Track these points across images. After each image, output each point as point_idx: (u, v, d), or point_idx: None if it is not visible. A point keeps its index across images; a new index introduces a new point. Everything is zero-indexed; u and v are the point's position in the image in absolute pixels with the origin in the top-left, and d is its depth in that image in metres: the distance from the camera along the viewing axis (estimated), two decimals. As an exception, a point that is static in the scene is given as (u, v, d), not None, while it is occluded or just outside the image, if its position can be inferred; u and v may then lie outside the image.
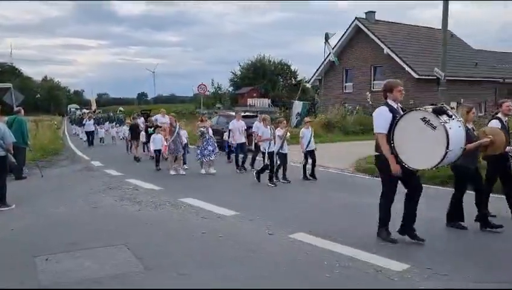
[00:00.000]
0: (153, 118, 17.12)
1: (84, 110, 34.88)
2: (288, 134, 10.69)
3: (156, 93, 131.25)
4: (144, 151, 16.56)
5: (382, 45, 29.75)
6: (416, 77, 27.80)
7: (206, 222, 6.65)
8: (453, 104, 29.86)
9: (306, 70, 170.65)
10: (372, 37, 30.45)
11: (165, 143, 13.13)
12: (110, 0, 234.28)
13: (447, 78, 11.29)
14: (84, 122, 23.79)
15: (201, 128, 11.97)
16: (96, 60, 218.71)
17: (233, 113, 20.39)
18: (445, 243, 5.60)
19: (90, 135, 22.57)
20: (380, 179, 5.89)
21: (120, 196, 8.75)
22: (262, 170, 10.13)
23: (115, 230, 6.26)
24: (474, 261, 4.88)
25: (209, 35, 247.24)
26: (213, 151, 11.74)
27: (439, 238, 5.79)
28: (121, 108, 34.34)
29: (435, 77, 11.41)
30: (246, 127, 13.03)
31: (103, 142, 23.73)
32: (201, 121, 12.76)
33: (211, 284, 4.31)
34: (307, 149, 10.62)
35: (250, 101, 45.18)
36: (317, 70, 35.03)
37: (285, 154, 10.41)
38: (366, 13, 32.21)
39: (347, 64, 33.11)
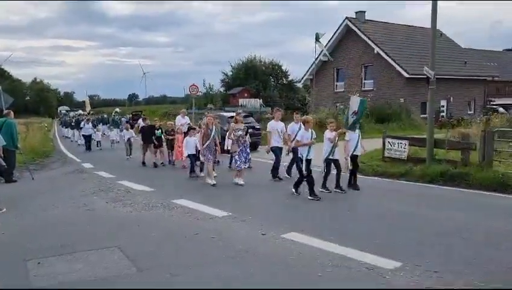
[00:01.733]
0: (176, 121, 15.48)
1: (80, 112, 33.56)
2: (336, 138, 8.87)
3: (147, 94, 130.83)
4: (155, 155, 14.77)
5: (372, 45, 29.94)
6: (407, 76, 28.03)
7: (198, 223, 6.65)
8: (443, 103, 30.33)
9: (297, 70, 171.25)
10: (363, 36, 30.64)
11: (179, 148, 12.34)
12: (99, 0, 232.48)
13: (436, 76, 11.37)
14: (82, 125, 21.85)
15: (240, 132, 10.19)
16: (86, 61, 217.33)
17: (225, 114, 20.38)
18: (433, 240, 5.66)
19: (88, 139, 20.85)
20: (372, 179, 5.94)
21: (112, 198, 8.72)
22: (299, 182, 8.59)
23: (107, 232, 6.24)
24: (462, 256, 4.95)
25: (200, 36, 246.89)
26: (247, 158, 10.14)
27: (427, 235, 5.85)
28: (117, 109, 32.93)
29: (425, 76, 11.47)
30: (285, 129, 10.89)
31: (100, 146, 21.81)
32: (237, 121, 10.57)
33: (204, 285, 4.32)
34: (353, 153, 9.18)
35: (241, 101, 45.13)
36: (308, 69, 35.17)
37: (337, 161, 8.95)
38: (356, 13, 32.40)
39: (338, 63, 33.26)
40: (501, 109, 28.62)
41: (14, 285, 4.53)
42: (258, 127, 18.77)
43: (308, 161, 8.30)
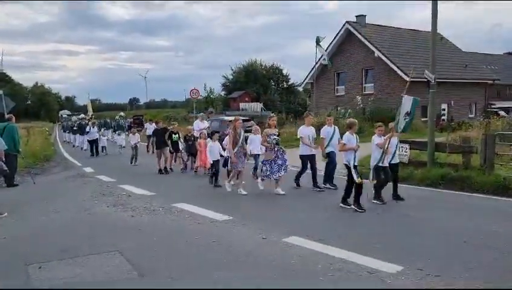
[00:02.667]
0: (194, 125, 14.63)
1: (82, 115, 32.53)
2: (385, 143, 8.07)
3: (148, 98, 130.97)
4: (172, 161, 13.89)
5: (373, 48, 29.97)
6: (407, 79, 27.99)
7: (199, 227, 6.65)
8: (444, 106, 30.31)
9: (297, 73, 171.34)
10: (363, 40, 30.68)
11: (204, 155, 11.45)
12: (99, 0, 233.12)
13: (437, 80, 11.38)
14: (88, 129, 20.66)
15: (276, 137, 9.29)
16: (87, 65, 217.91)
17: (227, 118, 20.38)
18: (434, 243, 5.65)
19: (94, 143, 19.90)
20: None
21: (113, 202, 8.72)
22: (348, 193, 7.76)
23: (108, 236, 6.24)
24: (463, 260, 4.94)
25: (200, 40, 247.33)
26: (282, 165, 9.21)
27: (428, 239, 5.84)
28: (121, 113, 31.68)
29: (426, 79, 11.48)
30: (315, 135, 10.06)
31: (105, 151, 20.70)
32: (270, 126, 9.54)
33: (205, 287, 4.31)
34: (392, 162, 8.35)
35: (242, 105, 45.20)
36: (309, 73, 35.20)
37: (386, 168, 8.14)
38: (356, 17, 32.47)
39: (338, 67, 33.30)
40: (502, 112, 28.62)
41: (14, 285, 4.54)
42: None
43: (356, 168, 7.68)
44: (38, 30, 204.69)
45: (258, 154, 10.54)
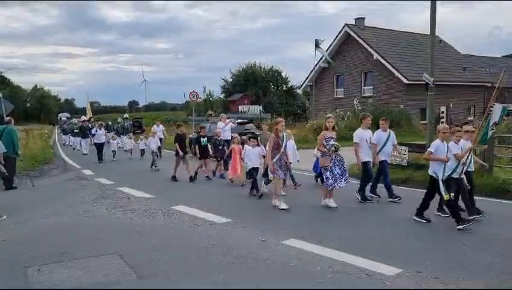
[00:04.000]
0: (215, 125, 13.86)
1: (84, 117, 30.95)
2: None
3: (147, 100, 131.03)
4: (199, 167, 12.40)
5: (372, 51, 30.05)
6: (406, 82, 28.10)
7: (198, 230, 6.65)
8: (443, 109, 30.37)
9: (297, 76, 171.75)
10: (362, 43, 30.75)
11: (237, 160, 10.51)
12: (98, 0, 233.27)
13: (436, 83, 11.42)
14: (94, 131, 19.34)
15: (335, 143, 7.96)
16: (86, 68, 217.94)
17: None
18: (434, 246, 5.65)
19: (101, 147, 18.19)
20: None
21: (112, 204, 8.71)
22: (426, 206, 6.98)
23: (107, 239, 6.23)
24: (462, 263, 4.94)
25: (199, 42, 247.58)
26: (342, 175, 7.99)
27: (427, 241, 5.85)
28: (126, 115, 29.73)
29: (424, 82, 11.52)
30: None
31: (114, 157, 18.53)
32: (327, 128, 8.16)
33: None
34: (468, 170, 7.33)
35: (241, 107, 45.25)
36: (308, 76, 35.27)
37: (461, 179, 7.12)
38: (355, 19, 32.55)
39: (338, 70, 33.36)
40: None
41: (14, 285, 4.54)
42: (258, 133, 18.80)
43: (447, 182, 6.69)
44: (37, 33, 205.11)
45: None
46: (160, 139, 18.30)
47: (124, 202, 8.91)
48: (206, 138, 12.17)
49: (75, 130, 25.60)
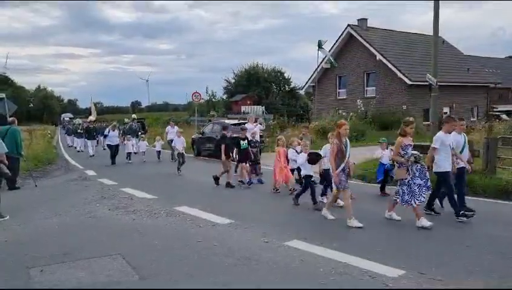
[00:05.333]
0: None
1: (91, 118, 29.82)
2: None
3: (150, 101, 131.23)
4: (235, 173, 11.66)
5: (375, 52, 30.00)
6: (409, 83, 28.04)
7: (201, 230, 6.65)
8: (446, 110, 30.30)
9: (299, 77, 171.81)
10: (365, 44, 30.71)
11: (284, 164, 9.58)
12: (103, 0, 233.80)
13: (439, 83, 11.39)
14: (106, 132, 18.45)
15: (415, 152, 6.95)
16: (89, 68, 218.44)
17: (228, 121, 20.36)
18: (437, 248, 5.64)
19: (114, 149, 17.22)
20: (375, 186, 5.93)
21: (115, 205, 8.72)
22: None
23: (109, 240, 6.24)
24: (465, 265, 4.92)
25: (202, 43, 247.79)
26: (424, 186, 6.84)
27: (430, 243, 5.83)
28: (134, 115, 28.36)
29: (427, 83, 11.50)
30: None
31: (130, 159, 17.85)
32: (406, 134, 7.01)
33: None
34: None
35: (244, 108, 45.23)
36: (310, 77, 35.23)
37: None
38: (358, 20, 32.52)
39: (340, 70, 33.32)
40: (504, 116, 28.56)
41: (14, 285, 4.55)
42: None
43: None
44: (40, 33, 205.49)
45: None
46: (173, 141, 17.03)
47: (127, 203, 8.91)
48: (246, 141, 11.17)
49: (79, 131, 24.98)
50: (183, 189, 10.91)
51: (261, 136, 18.42)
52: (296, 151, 9.84)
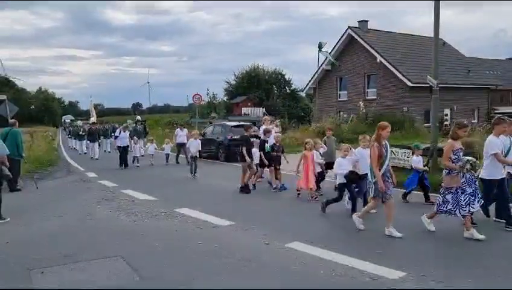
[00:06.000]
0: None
1: (93, 119, 28.71)
2: None
3: (151, 103, 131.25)
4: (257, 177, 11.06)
5: (375, 54, 30.00)
6: (410, 84, 28.03)
7: (201, 232, 6.65)
8: (447, 111, 30.29)
9: (300, 79, 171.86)
10: (365, 45, 30.71)
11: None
12: (105, 0, 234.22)
13: (440, 85, 11.38)
14: (117, 133, 17.67)
15: (470, 158, 6.37)
16: (91, 70, 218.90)
17: (229, 123, 20.37)
18: (439, 250, 5.63)
19: (124, 151, 16.70)
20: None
21: (115, 207, 8.73)
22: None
23: (110, 242, 6.24)
24: (467, 267, 4.92)
25: (203, 45, 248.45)
26: (474, 196, 6.23)
27: (432, 245, 5.82)
28: (138, 117, 27.07)
29: (428, 85, 11.49)
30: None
31: (137, 162, 17.29)
32: (458, 137, 6.45)
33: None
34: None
35: (244, 110, 45.24)
36: (311, 78, 35.23)
37: None
38: (359, 22, 32.52)
39: (341, 72, 33.33)
40: (505, 118, 28.48)
41: (14, 285, 4.55)
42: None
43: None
44: (42, 36, 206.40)
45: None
46: (184, 144, 16.80)
47: (128, 205, 8.92)
48: (271, 145, 10.61)
49: (80, 133, 24.79)
50: (184, 191, 10.91)
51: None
52: (321, 154, 9.66)
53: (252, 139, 10.79)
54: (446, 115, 30.69)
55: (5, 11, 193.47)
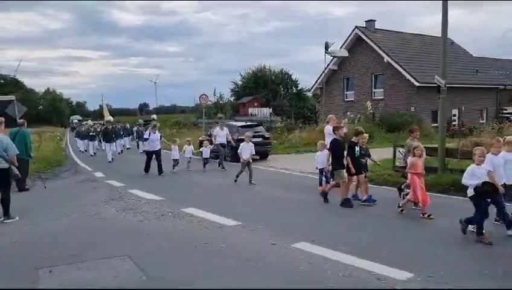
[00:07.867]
0: None
1: (110, 118, 26.64)
2: None
3: (158, 103, 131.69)
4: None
5: (382, 54, 29.88)
6: (417, 84, 27.89)
7: (208, 232, 6.65)
8: (455, 111, 30.08)
9: (306, 79, 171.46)
10: (372, 45, 30.60)
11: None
12: (112, 0, 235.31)
13: (447, 85, 11.29)
14: (146, 135, 14.88)
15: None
16: (98, 71, 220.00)
17: (236, 123, 20.37)
18: (447, 251, 5.59)
19: (156, 156, 14.26)
20: (383, 188, 5.88)
21: (122, 206, 8.76)
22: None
23: (117, 241, 6.27)
24: (475, 268, 4.88)
25: (210, 45, 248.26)
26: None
27: (439, 246, 5.78)
28: (153, 116, 25.33)
29: (436, 85, 11.41)
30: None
31: (174, 167, 14.70)
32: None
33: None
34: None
35: (251, 110, 45.28)
36: (318, 78, 35.17)
37: None
38: (366, 22, 32.42)
39: (348, 72, 33.23)
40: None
41: (15, 285, 4.57)
42: (267, 136, 18.86)
43: None
44: (49, 37, 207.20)
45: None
46: (224, 145, 15.69)
47: (135, 204, 8.95)
48: (359, 147, 8.78)
49: (91, 133, 24.00)
50: (191, 191, 10.93)
51: (267, 138, 18.57)
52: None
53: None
54: (454, 115, 30.51)
55: (13, 12, 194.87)
